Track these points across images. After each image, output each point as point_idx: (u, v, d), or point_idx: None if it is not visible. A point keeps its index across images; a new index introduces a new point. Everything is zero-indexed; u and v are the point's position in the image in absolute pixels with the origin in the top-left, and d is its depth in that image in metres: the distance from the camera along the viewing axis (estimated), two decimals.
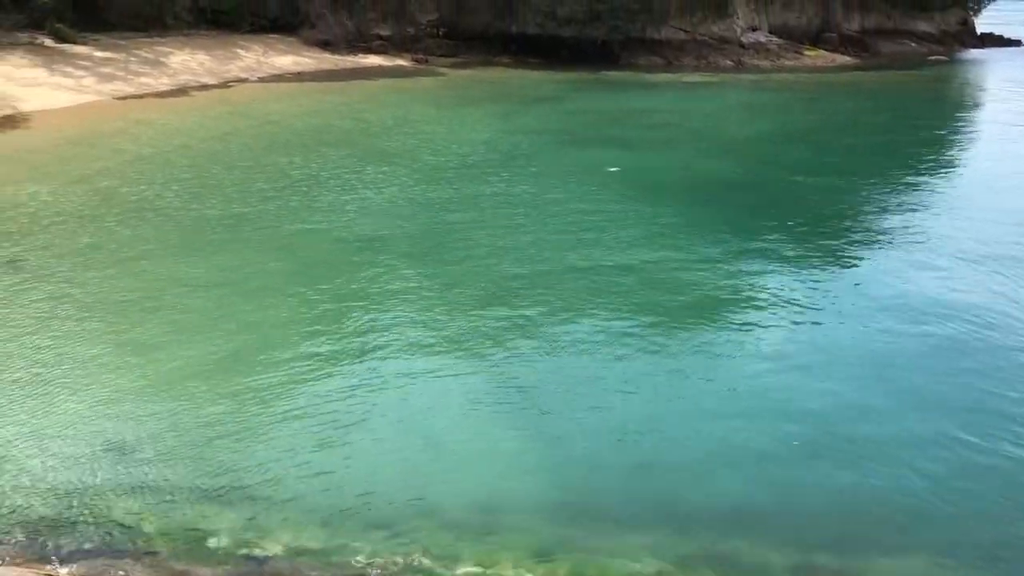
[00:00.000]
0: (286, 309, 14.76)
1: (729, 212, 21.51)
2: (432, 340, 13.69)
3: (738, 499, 9.70)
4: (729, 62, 56.12)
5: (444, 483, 9.91)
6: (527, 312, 14.73)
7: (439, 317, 14.53)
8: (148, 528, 9.05)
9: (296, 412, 11.38)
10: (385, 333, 13.88)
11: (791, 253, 17.99)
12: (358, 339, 13.67)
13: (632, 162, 27.26)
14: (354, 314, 14.62)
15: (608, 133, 33.01)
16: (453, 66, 51.32)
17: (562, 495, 9.76)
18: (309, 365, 12.74)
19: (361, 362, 12.90)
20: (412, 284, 16.06)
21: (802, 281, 16.29)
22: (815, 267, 17.20)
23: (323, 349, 13.27)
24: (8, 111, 30.26)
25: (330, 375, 12.48)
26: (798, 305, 15.07)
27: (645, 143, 30.95)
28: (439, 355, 13.18)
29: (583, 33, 52.42)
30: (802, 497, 9.79)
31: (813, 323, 14.40)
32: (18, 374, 12.15)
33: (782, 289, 15.81)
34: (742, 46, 58.17)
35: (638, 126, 34.55)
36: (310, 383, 12.20)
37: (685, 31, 56.88)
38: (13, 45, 38.26)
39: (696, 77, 50.89)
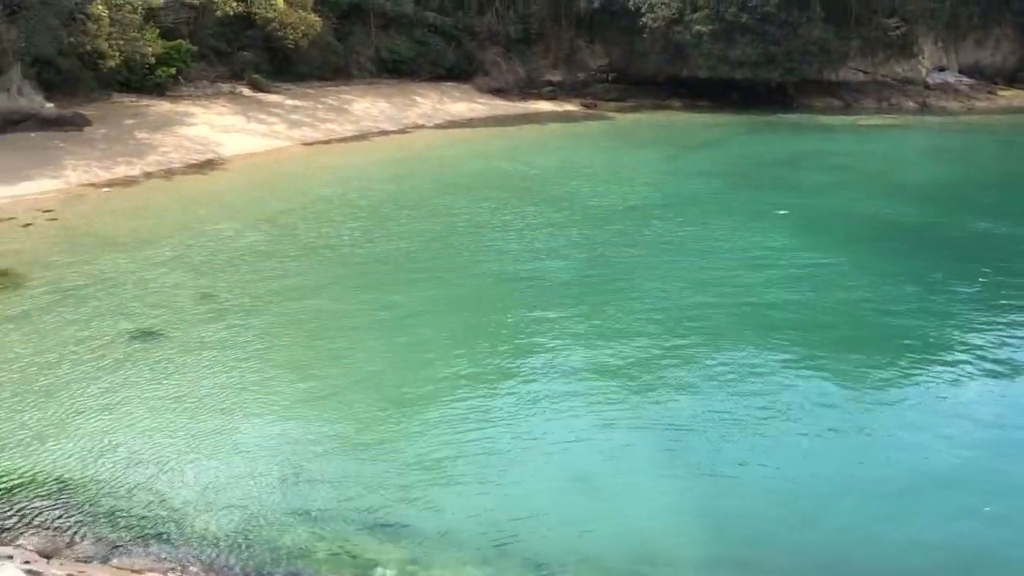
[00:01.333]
0: (449, 345, 15.14)
1: (906, 259, 20.38)
2: (592, 380, 13.65)
3: (911, 564, 9.07)
4: (913, 104, 53.53)
5: (602, 528, 9.80)
6: (689, 356, 14.44)
7: (600, 357, 14.48)
8: (318, 554, 9.44)
9: (459, 447, 11.62)
10: (546, 371, 13.98)
11: (976, 309, 16.79)
12: (519, 377, 13.83)
13: (803, 205, 26.39)
14: (515, 352, 14.81)
15: (779, 176, 32.14)
16: (622, 110, 51.58)
17: (722, 548, 9.44)
18: (471, 401, 12.99)
19: (522, 400, 13.02)
20: (573, 324, 16.11)
21: (989, 340, 15.15)
22: (1005, 324, 15.96)
23: (484, 386, 13.52)
24: (210, 155, 32.89)
25: (492, 412, 12.67)
26: (980, 364, 14.01)
27: (817, 186, 29.89)
28: (599, 395, 13.12)
29: (756, 75, 51.46)
30: (987, 567, 9.04)
31: (999, 386, 13.34)
32: (203, 397, 13.03)
33: (965, 348, 14.75)
34: (927, 87, 55.37)
35: (811, 169, 33.44)
36: (472, 418, 12.42)
37: (865, 72, 54.80)
38: (216, 95, 41.68)
39: (876, 119, 48.82)
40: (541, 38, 55.29)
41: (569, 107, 52.16)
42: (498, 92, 52.49)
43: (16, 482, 10.66)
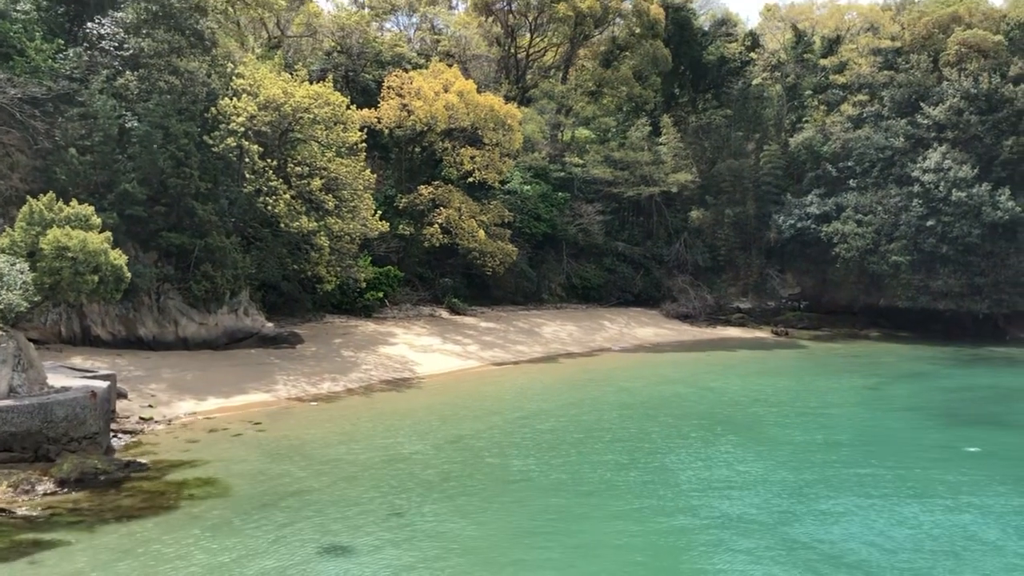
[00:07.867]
0: None
1: None
2: None
3: None
4: None
5: None
6: None
7: None
8: None
9: None
10: None
11: None
12: None
13: (1000, 444, 24.91)
14: None
15: (980, 412, 30.48)
16: (816, 339, 50.48)
17: None
18: None
19: None
20: None
21: None
22: None
23: None
24: (406, 374, 34.80)
25: None
26: None
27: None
28: None
29: (961, 306, 49.43)
30: None
31: None
32: None
33: None
34: None
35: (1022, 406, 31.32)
36: None
37: None
38: (418, 316, 44.67)
39: None
40: (730, 266, 56.05)
41: (760, 334, 51.67)
42: (685, 318, 53.00)
43: None
